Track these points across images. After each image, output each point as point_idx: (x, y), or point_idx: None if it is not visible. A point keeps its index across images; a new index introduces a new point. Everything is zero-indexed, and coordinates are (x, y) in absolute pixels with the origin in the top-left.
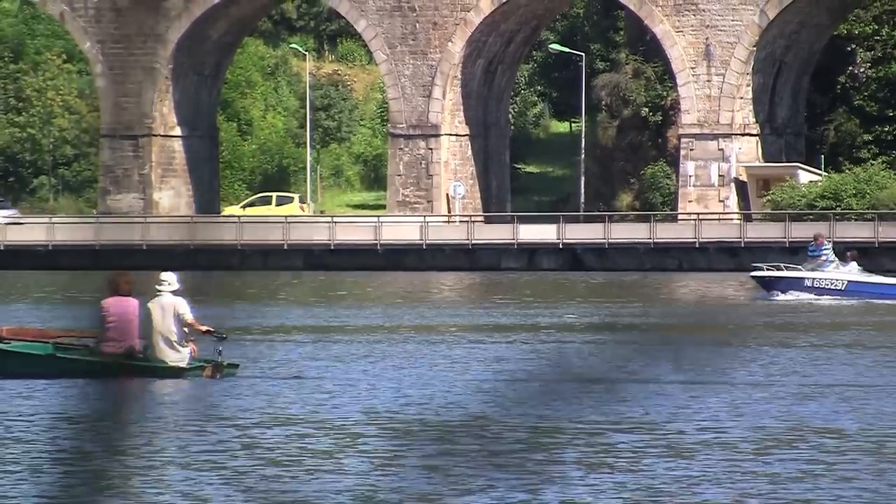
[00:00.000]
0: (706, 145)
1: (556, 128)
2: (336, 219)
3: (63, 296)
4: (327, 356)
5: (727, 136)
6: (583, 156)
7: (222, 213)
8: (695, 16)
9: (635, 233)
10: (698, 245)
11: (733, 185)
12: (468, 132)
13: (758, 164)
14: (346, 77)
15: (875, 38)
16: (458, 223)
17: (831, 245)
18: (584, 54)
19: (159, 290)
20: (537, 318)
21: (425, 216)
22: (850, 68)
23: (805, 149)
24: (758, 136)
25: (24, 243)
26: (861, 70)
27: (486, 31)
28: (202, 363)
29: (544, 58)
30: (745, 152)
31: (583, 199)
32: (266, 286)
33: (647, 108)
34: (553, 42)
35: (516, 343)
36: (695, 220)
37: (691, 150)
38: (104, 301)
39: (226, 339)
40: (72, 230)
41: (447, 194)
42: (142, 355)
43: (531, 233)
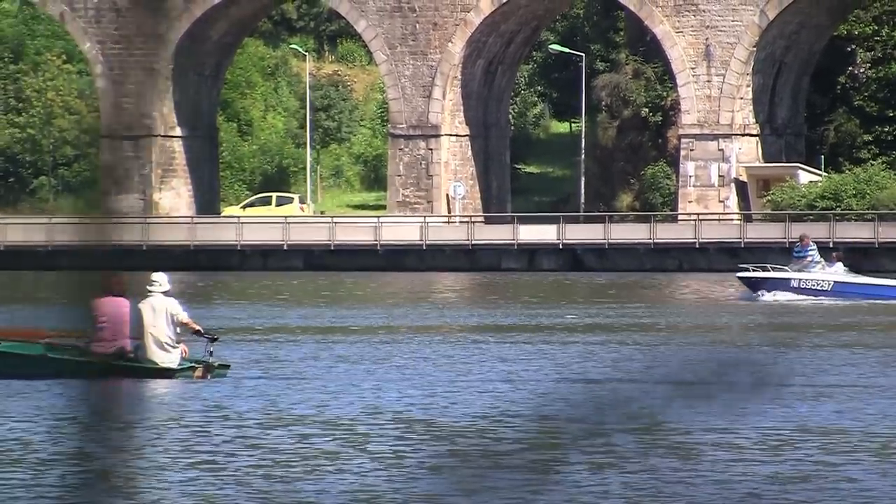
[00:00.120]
0: (706, 146)
1: (556, 128)
2: (336, 219)
3: (62, 296)
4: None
5: (727, 136)
6: (583, 156)
7: (222, 214)
8: (695, 16)
9: (635, 233)
10: (698, 245)
11: (733, 185)
12: (468, 132)
13: (758, 164)
14: (346, 77)
15: (875, 38)
16: (458, 224)
17: (816, 246)
18: (584, 55)
19: (150, 290)
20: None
21: (425, 217)
22: (850, 69)
23: (805, 149)
24: (758, 137)
25: (25, 244)
26: (861, 70)
27: (487, 31)
28: (193, 364)
29: (544, 58)
30: (745, 153)
31: (583, 199)
32: (266, 287)
33: (647, 109)
34: (553, 42)
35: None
36: (695, 220)
37: (691, 150)
38: (96, 301)
39: (217, 340)
40: (71, 231)
41: (447, 195)
42: (132, 356)
43: (531, 233)
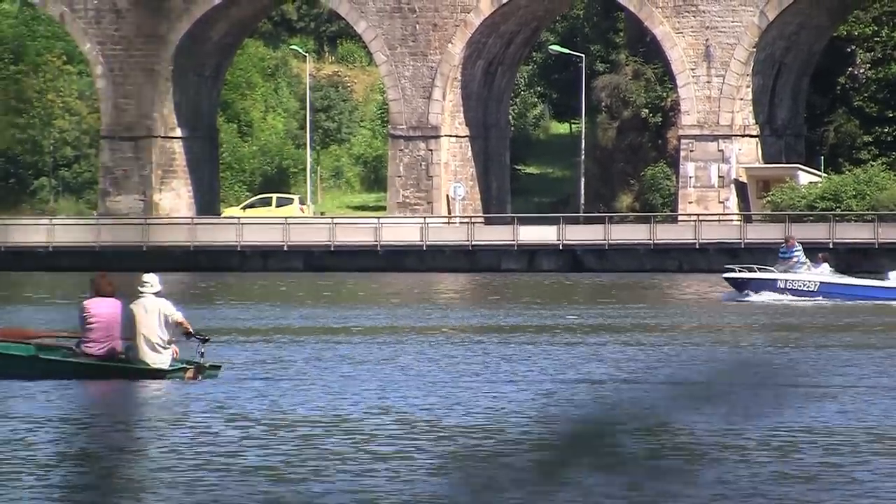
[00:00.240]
0: (706, 146)
1: (556, 129)
2: (336, 220)
3: (60, 296)
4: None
5: (727, 137)
6: (583, 157)
7: (222, 215)
8: (695, 17)
9: (635, 234)
10: (698, 246)
11: (733, 186)
12: (468, 133)
13: (758, 165)
14: (346, 78)
15: (875, 39)
16: (458, 224)
17: (802, 247)
18: (584, 55)
19: (141, 291)
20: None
21: (425, 217)
22: (850, 69)
23: (805, 150)
24: (757, 138)
25: (25, 245)
26: (861, 71)
27: (486, 32)
28: (184, 365)
29: (544, 59)
30: (745, 153)
31: (583, 200)
32: (267, 287)
33: (647, 110)
34: (553, 43)
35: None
36: (695, 221)
37: (691, 151)
38: (86, 302)
39: (209, 341)
40: (72, 232)
41: (447, 195)
42: (124, 356)
43: (531, 234)
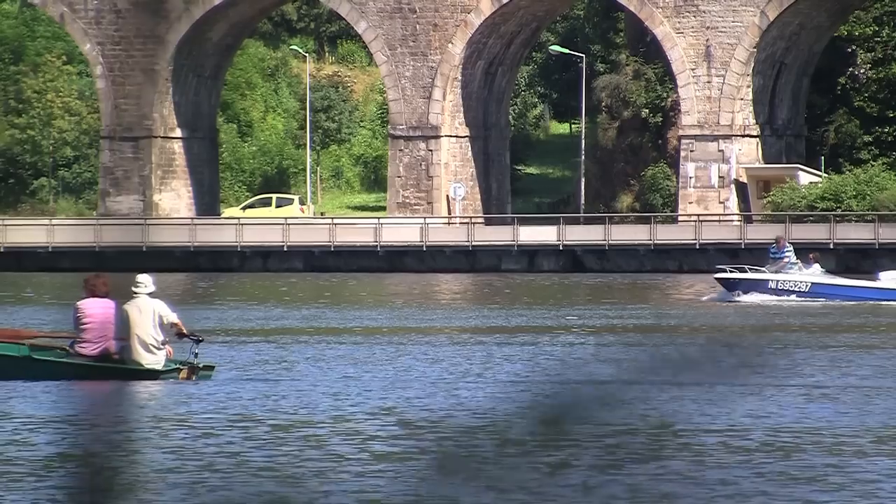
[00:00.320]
0: (706, 146)
1: (556, 129)
2: (336, 220)
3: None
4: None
5: (727, 137)
6: (583, 157)
7: (222, 215)
8: (695, 17)
9: (635, 234)
10: (698, 246)
11: (733, 186)
12: (468, 134)
13: (758, 165)
14: (347, 78)
15: (875, 39)
16: (458, 225)
17: (793, 247)
18: (584, 56)
19: (135, 292)
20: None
21: (425, 218)
22: (851, 69)
23: (805, 150)
24: (758, 138)
25: (25, 245)
26: (861, 71)
27: (487, 32)
28: (178, 365)
29: (544, 59)
30: (746, 153)
31: (583, 200)
32: (266, 288)
33: (647, 110)
34: (553, 43)
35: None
36: (695, 221)
37: (691, 151)
38: (80, 303)
39: (202, 341)
40: (72, 232)
41: (447, 196)
42: (117, 357)
43: (531, 234)
